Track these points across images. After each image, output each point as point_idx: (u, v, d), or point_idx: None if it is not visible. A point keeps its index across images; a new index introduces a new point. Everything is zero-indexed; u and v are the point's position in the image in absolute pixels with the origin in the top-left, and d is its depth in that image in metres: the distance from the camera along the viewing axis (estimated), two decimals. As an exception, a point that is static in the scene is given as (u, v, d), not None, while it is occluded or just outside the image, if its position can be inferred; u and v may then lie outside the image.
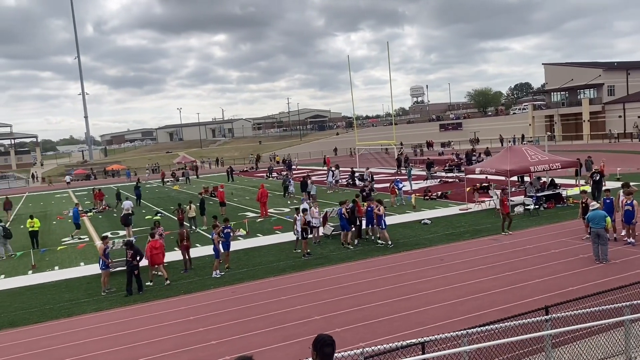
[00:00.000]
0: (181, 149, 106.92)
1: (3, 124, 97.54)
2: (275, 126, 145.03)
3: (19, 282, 16.83)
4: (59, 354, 10.60)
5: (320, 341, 4.10)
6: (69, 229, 27.72)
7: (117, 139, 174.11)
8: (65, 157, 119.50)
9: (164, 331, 11.39)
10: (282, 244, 19.47)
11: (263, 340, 10.38)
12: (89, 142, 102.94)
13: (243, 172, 60.85)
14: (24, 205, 42.18)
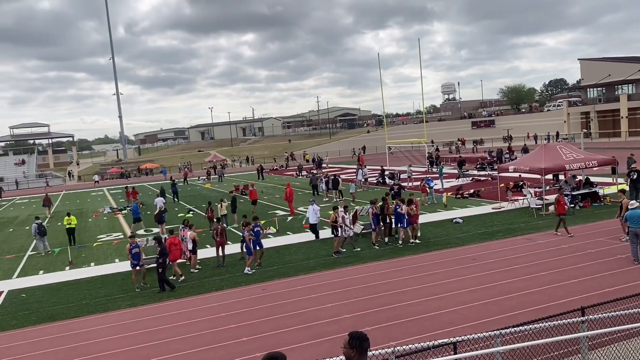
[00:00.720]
0: (212, 147, 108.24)
1: (41, 124, 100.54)
2: (305, 125, 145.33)
3: (57, 277, 17.32)
4: (96, 348, 10.87)
5: (357, 337, 4.10)
6: (104, 226, 28.42)
7: (150, 138, 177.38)
8: (101, 156, 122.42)
9: (196, 327, 11.56)
10: (312, 242, 19.52)
11: (293, 337, 10.43)
12: (123, 141, 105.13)
13: (273, 171, 61.24)
14: (61, 203, 43.39)
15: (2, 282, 17.22)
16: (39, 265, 19.47)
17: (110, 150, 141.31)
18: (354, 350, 4.06)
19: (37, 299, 14.85)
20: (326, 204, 28.39)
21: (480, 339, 6.72)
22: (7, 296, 15.44)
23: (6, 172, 73.86)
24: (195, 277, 15.69)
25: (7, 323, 12.93)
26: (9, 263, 20.14)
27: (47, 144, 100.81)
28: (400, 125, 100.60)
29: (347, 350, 4.09)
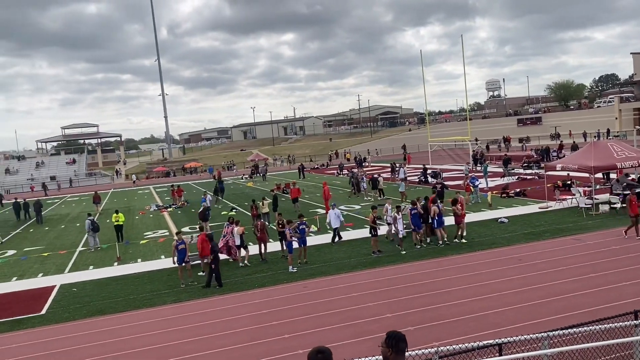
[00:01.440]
0: (254, 146, 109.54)
1: (91, 124, 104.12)
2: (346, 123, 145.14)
3: (105, 273, 17.89)
4: (142, 341, 11.17)
5: (394, 337, 4.10)
6: (150, 223, 29.19)
7: (194, 137, 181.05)
8: (147, 155, 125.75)
9: (239, 323, 11.71)
10: (353, 240, 19.46)
11: (335, 335, 10.42)
12: (169, 140, 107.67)
13: (314, 169, 61.44)
14: (110, 201, 44.82)
15: (55, 277, 17.92)
16: (89, 261, 20.16)
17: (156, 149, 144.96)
18: (390, 349, 4.06)
19: (88, 293, 15.38)
20: (367, 203, 28.28)
21: (527, 340, 6.53)
22: (60, 290, 16.05)
23: (58, 171, 76.89)
24: (238, 274, 15.90)
25: (59, 316, 13.45)
26: (62, 258, 20.94)
27: (96, 143, 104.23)
28: (443, 123, 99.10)
29: (384, 349, 4.11)
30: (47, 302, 14.80)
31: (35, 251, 23.06)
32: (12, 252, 23.37)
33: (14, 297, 15.64)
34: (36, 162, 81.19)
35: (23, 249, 23.89)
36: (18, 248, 24.42)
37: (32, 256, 21.73)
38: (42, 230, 29.96)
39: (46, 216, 36.50)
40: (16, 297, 15.70)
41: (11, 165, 79.59)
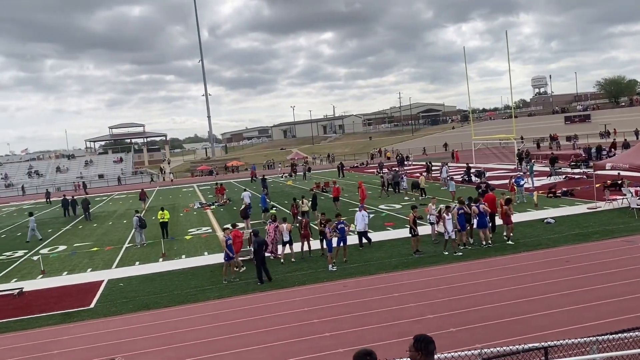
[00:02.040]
0: (294, 145, 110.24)
1: (137, 124, 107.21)
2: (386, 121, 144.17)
3: (151, 268, 18.38)
4: (187, 336, 11.42)
5: (423, 340, 4.11)
6: (194, 220, 29.80)
7: (236, 136, 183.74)
8: (191, 154, 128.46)
9: (280, 320, 11.82)
10: (394, 240, 19.33)
11: (376, 335, 10.39)
12: (212, 140, 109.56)
13: (353, 168, 61.31)
14: (155, 198, 46.00)
15: (103, 272, 18.53)
16: (135, 257, 20.75)
17: (200, 148, 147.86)
18: (420, 352, 4.06)
19: (134, 288, 15.84)
20: (407, 203, 28.02)
21: (574, 344, 6.35)
22: (107, 285, 16.59)
23: (106, 169, 79.49)
24: (278, 272, 16.04)
25: (107, 310, 13.91)
26: (109, 254, 21.63)
27: (142, 142, 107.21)
28: (487, 120, 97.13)
29: (412, 353, 4.11)
30: (95, 296, 15.33)
31: (84, 247, 23.91)
32: (62, 248, 24.33)
33: (65, 291, 16.27)
34: (85, 161, 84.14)
35: (73, 245, 24.81)
36: (68, 244, 25.39)
37: (81, 252, 22.55)
38: (91, 227, 31.04)
39: (94, 213, 37.83)
40: (67, 291, 16.33)
41: (62, 164, 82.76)
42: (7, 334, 12.63)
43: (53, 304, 14.84)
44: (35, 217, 38.80)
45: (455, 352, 6.13)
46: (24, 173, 78.85)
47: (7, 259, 22.80)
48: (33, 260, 21.60)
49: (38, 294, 16.13)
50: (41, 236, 27.54)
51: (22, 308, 14.73)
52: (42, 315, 13.85)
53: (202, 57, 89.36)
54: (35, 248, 24.75)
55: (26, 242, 26.70)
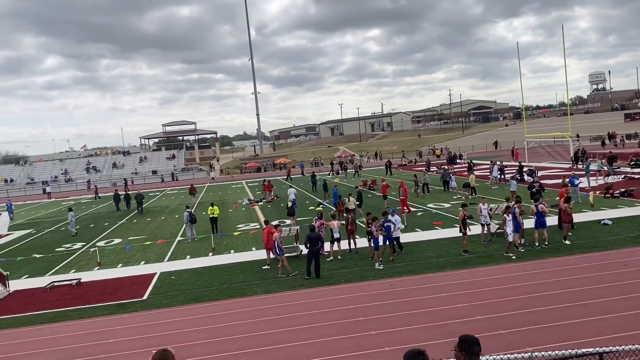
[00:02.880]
0: (341, 143, 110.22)
1: (189, 121, 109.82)
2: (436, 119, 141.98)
3: (201, 262, 18.82)
4: (235, 329, 11.64)
5: (467, 341, 4.05)
6: (242, 216, 30.32)
7: (284, 134, 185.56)
8: (240, 151, 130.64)
9: (326, 317, 11.87)
10: (442, 239, 19.02)
11: (422, 335, 10.27)
12: (260, 137, 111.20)
13: (401, 166, 60.75)
14: (205, 194, 47.06)
15: (156, 265, 19.13)
16: (186, 251, 21.31)
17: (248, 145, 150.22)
18: (464, 353, 3.99)
19: (184, 281, 16.28)
20: (456, 202, 27.53)
21: (632, 351, 6.06)
22: (159, 277, 17.11)
23: (159, 166, 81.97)
24: (325, 269, 16.09)
25: (159, 302, 14.35)
26: (161, 247, 22.31)
27: (194, 140, 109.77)
28: (541, 118, 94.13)
29: (457, 353, 4.05)
30: (148, 288, 15.85)
31: (138, 240, 24.76)
32: (118, 241, 25.27)
33: (119, 283, 16.89)
34: (140, 157, 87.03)
35: (127, 238, 25.74)
36: (123, 237, 26.35)
37: (135, 245, 23.35)
38: (145, 221, 32.09)
39: (148, 208, 39.10)
40: (121, 282, 16.95)
41: (118, 160, 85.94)
42: (66, 322, 13.25)
43: (108, 295, 15.45)
44: (92, 212, 40.51)
45: (504, 354, 5.99)
46: (83, 169, 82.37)
47: (67, 250, 23.90)
48: (90, 252, 22.53)
49: (95, 285, 16.83)
50: (75, 232, 28.68)
51: (79, 298, 15.42)
52: (98, 305, 14.44)
53: (252, 56, 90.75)
54: (92, 241, 25.82)
55: (72, 236, 27.85)
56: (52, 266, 20.43)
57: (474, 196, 28.49)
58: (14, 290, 16.76)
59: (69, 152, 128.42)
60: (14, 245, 26.75)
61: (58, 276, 18.49)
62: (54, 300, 15.32)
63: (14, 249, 25.55)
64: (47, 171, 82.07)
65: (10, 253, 24.31)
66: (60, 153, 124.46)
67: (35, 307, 14.77)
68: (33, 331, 12.79)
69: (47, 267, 20.28)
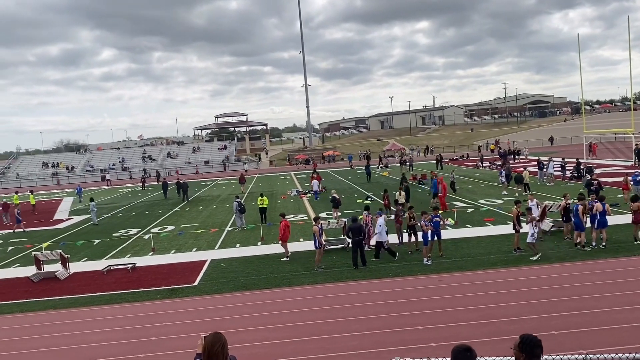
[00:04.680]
0: (391, 136, 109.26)
1: (241, 113, 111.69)
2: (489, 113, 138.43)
3: (250, 251, 19.18)
4: (281, 318, 11.81)
5: (529, 342, 3.89)
6: (290, 207, 30.62)
7: (333, 126, 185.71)
8: (289, 143, 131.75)
9: (372, 310, 11.85)
10: (493, 236, 18.59)
11: (470, 332, 10.11)
12: (309, 130, 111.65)
13: (453, 161, 59.65)
14: (255, 185, 47.80)
15: (207, 252, 19.62)
16: (236, 239, 21.75)
17: (297, 137, 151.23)
18: (524, 355, 3.85)
19: (234, 269, 16.63)
20: (508, 198, 26.81)
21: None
22: (210, 264, 17.55)
23: (211, 156, 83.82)
24: (371, 262, 16.06)
25: (209, 288, 14.74)
26: (212, 236, 22.85)
27: (245, 131, 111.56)
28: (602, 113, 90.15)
29: (516, 352, 3.92)
30: (199, 274, 16.29)
31: (190, 228, 25.46)
32: (171, 228, 26.07)
33: (172, 269, 17.44)
34: (193, 148, 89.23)
35: (180, 226, 26.51)
36: (176, 224, 27.15)
37: (187, 232, 24.02)
38: (197, 209, 32.94)
39: (200, 197, 40.22)
40: (173, 268, 17.50)
41: (172, 150, 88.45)
42: (121, 305, 13.82)
43: (161, 280, 15.98)
44: (147, 199, 41.94)
45: (556, 355, 5.82)
46: (139, 157, 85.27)
47: (123, 236, 24.86)
48: (145, 238, 23.35)
49: (148, 270, 17.45)
50: (97, 222, 29.60)
51: (134, 282, 16.03)
52: (152, 290, 14.97)
53: (303, 48, 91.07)
54: (147, 227, 26.74)
55: (94, 225, 28.93)
56: (109, 250, 21.33)
57: (527, 192, 27.67)
58: (74, 272, 17.61)
59: (126, 141, 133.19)
60: (74, 230, 28.06)
61: (114, 260, 19.28)
62: (111, 283, 16.00)
63: (73, 233, 26.81)
64: (105, 159, 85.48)
65: (70, 237, 25.54)
66: (118, 142, 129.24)
67: (93, 289, 15.48)
68: (91, 312, 13.41)
69: (104, 251, 21.19)
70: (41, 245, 22.61)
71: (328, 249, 17.28)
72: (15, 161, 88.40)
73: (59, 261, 17.57)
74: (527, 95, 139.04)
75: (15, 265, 19.89)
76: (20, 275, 17.76)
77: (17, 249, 23.24)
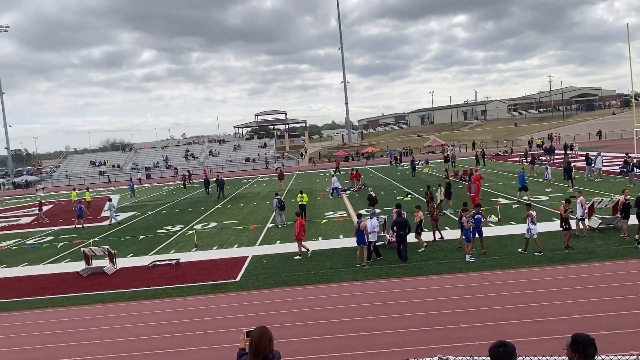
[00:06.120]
0: (432, 132, 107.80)
1: (280, 111, 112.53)
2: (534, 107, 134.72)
3: (290, 248, 19.25)
4: (321, 315, 11.82)
5: (582, 341, 3.73)
6: (330, 204, 30.62)
7: (372, 123, 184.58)
8: (328, 140, 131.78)
9: (413, 307, 11.72)
10: (539, 234, 18.02)
11: (516, 331, 9.86)
12: (348, 126, 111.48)
13: (495, 156, 58.36)
14: (294, 182, 48.06)
15: (248, 248, 19.86)
16: (276, 236, 21.92)
17: (336, 134, 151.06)
18: (577, 355, 3.70)
19: (275, 265, 16.76)
20: (554, 195, 26.01)
21: None
22: (251, 261, 17.75)
23: (252, 154, 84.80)
24: (412, 259, 15.89)
25: (251, 284, 14.90)
26: (253, 232, 23.11)
27: (284, 129, 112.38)
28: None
29: (569, 352, 3.78)
30: (240, 270, 16.50)
31: (231, 224, 25.81)
32: (213, 224, 26.50)
33: (214, 264, 17.72)
34: (234, 146, 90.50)
35: (222, 222, 26.91)
36: (218, 221, 27.59)
37: (229, 229, 24.37)
38: (238, 206, 33.38)
39: (240, 194, 40.74)
40: (216, 264, 17.78)
41: (214, 148, 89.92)
42: (166, 299, 14.14)
43: (204, 275, 16.27)
44: (190, 197, 42.79)
45: (605, 356, 5.60)
46: (182, 156, 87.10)
47: (167, 232, 25.44)
48: (188, 234, 23.82)
49: (192, 265, 17.79)
50: (118, 221, 30.28)
51: (178, 277, 16.38)
52: (195, 285, 15.26)
53: (342, 45, 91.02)
54: (190, 224, 27.27)
55: (110, 224, 29.60)
56: (153, 246, 21.87)
57: (574, 188, 26.76)
58: (120, 268, 18.14)
59: (169, 139, 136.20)
60: (121, 226, 28.89)
61: (159, 256, 19.75)
62: (156, 278, 16.40)
63: (120, 230, 27.61)
64: (149, 157, 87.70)
65: (117, 233, 26.32)
66: (162, 141, 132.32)
67: (138, 284, 15.90)
68: (137, 306, 13.78)
69: (149, 247, 21.74)
70: (90, 241, 23.40)
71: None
72: (64, 160, 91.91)
73: (107, 257, 18.14)
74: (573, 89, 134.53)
75: (65, 260, 20.65)
76: (70, 270, 18.43)
77: (67, 244, 24.13)
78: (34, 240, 26.49)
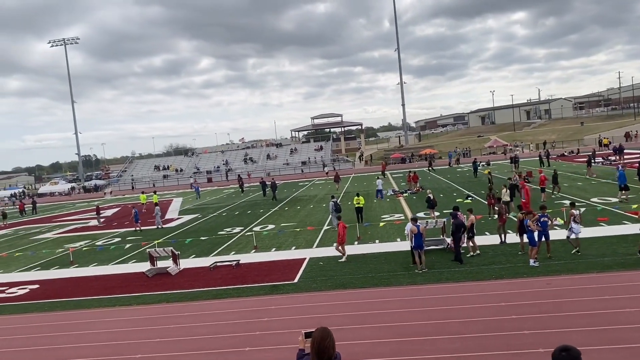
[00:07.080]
0: (493, 132, 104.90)
1: (336, 114, 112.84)
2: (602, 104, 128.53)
3: (347, 250, 19.05)
4: (379, 318, 11.74)
5: None
6: (387, 207, 30.40)
7: (430, 124, 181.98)
8: (385, 142, 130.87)
9: (474, 312, 11.43)
10: (608, 237, 17.22)
11: (583, 339, 9.43)
12: (405, 128, 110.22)
13: (561, 157, 56.06)
14: (350, 184, 48.02)
15: (305, 250, 20.03)
16: (333, 238, 21.91)
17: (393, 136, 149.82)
18: None
19: (332, 268, 16.81)
20: (624, 197, 24.65)
21: None
22: (309, 262, 17.88)
23: (308, 156, 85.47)
24: (473, 264, 15.52)
25: (309, 285, 15.01)
26: (310, 234, 23.28)
27: (340, 131, 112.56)
28: None
29: None
30: (298, 272, 16.65)
31: (289, 227, 26.12)
32: (271, 227, 26.90)
33: (273, 266, 17.99)
34: (290, 149, 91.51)
35: (280, 225, 27.28)
36: (276, 223, 27.98)
37: (287, 231, 24.67)
38: (295, 209, 33.73)
39: (297, 197, 41.19)
40: (274, 265, 18.03)
41: (271, 152, 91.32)
42: (226, 299, 14.48)
43: (263, 276, 16.54)
44: (249, 199, 43.64)
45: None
46: (241, 160, 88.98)
47: (227, 234, 26.05)
48: (247, 236, 24.29)
49: (251, 267, 18.13)
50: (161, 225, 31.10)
51: (238, 278, 16.73)
52: (255, 286, 15.54)
53: (399, 46, 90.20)
54: (249, 226, 27.81)
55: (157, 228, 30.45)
56: (215, 248, 22.45)
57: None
58: (183, 268, 18.74)
59: (229, 144, 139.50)
60: (183, 228, 29.85)
61: (220, 257, 20.24)
62: (217, 279, 16.83)
63: (183, 232, 28.54)
64: (210, 162, 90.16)
65: (180, 235, 27.22)
66: (222, 145, 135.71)
67: (201, 284, 16.37)
68: (199, 306, 14.19)
69: (210, 249, 22.33)
70: (154, 242, 24.33)
71: (427, 250, 16.90)
72: (130, 165, 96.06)
73: (170, 257, 18.79)
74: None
75: (132, 261, 21.56)
76: (137, 271, 19.22)
77: (133, 246, 25.19)
78: (103, 241, 27.82)
